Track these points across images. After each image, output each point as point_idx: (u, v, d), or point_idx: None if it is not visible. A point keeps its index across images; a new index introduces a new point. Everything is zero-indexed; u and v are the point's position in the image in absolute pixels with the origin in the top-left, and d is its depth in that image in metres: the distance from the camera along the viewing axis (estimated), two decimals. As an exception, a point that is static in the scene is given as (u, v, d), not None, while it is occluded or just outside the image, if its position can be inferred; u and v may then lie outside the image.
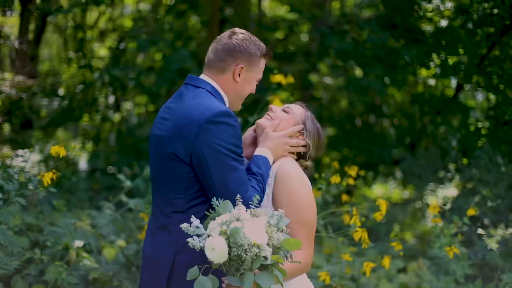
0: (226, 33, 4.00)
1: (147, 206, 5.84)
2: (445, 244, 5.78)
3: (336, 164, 6.86)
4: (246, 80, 3.96)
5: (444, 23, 9.75)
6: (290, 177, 3.92)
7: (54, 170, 4.43)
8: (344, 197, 6.85)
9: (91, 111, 11.78)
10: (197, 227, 3.41)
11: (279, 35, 12.33)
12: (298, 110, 4.18)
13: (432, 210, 5.56)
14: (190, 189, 3.77)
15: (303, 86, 11.86)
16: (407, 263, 7.65)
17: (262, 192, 3.81)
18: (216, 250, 3.27)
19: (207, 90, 3.88)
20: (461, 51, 9.45)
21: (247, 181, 3.73)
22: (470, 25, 9.19)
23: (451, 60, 9.64)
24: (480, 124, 10.53)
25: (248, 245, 3.26)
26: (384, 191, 14.42)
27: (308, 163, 4.19)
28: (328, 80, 12.95)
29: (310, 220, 3.91)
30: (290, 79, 6.78)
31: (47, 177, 4.38)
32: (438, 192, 11.24)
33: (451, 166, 10.25)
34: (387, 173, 12.80)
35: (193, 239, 3.36)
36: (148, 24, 11.31)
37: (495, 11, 8.88)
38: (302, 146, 4.12)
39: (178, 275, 3.74)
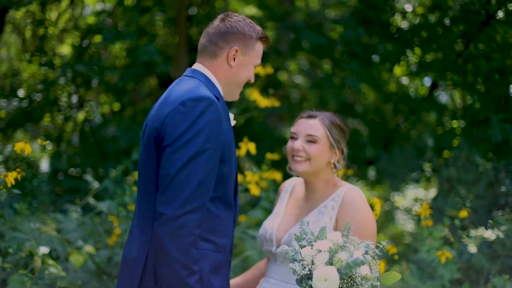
0: (219, 16, 3.78)
1: (121, 209, 5.54)
2: (433, 247, 5.53)
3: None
4: (241, 64, 3.70)
5: (417, 19, 9.70)
6: (359, 205, 3.85)
7: (18, 170, 4.08)
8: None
9: (53, 111, 11.49)
10: (297, 252, 3.29)
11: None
12: (319, 130, 3.99)
13: (422, 213, 5.29)
14: None
15: (272, 85, 11.69)
16: (390, 267, 7.44)
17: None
18: (330, 280, 3.14)
19: (199, 80, 3.61)
20: (436, 47, 9.38)
21: (194, 179, 3.35)
22: (447, 21, 9.12)
23: (427, 57, 9.58)
24: (455, 123, 10.46)
25: (360, 278, 3.18)
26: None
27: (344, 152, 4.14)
28: (298, 79, 12.84)
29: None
30: (269, 70, 6.54)
31: (11, 177, 4.03)
32: (412, 193, 11.16)
33: (427, 166, 10.14)
34: (360, 173, 12.67)
35: (294, 264, 3.24)
36: (113, 18, 11.12)
37: (471, 7, 8.83)
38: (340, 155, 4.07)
39: (149, 276, 3.49)
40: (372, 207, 4.59)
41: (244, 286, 4.37)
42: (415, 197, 10.75)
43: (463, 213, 5.67)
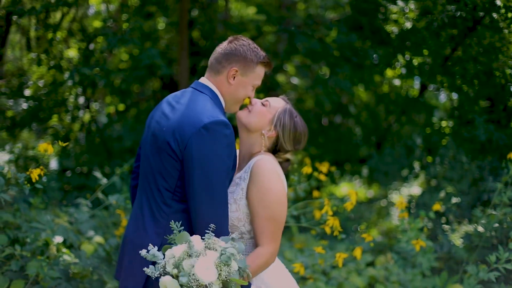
0: (229, 39, 4.19)
1: (128, 202, 5.95)
2: (412, 238, 5.99)
3: (307, 160, 7.03)
4: (240, 84, 4.11)
5: (409, 24, 9.93)
6: (264, 173, 4.02)
7: (42, 167, 4.48)
8: (315, 193, 7.03)
9: (60, 111, 11.75)
10: (155, 255, 3.55)
11: (246, 36, 12.34)
12: (276, 103, 4.28)
13: (399, 206, 5.76)
14: (180, 185, 3.91)
15: (270, 86, 11.98)
16: (376, 257, 7.85)
17: None
18: None
19: (209, 96, 4.03)
20: (425, 52, 9.65)
21: (218, 202, 3.84)
22: (434, 25, 9.35)
23: (416, 61, 9.85)
24: (443, 123, 10.75)
25: (197, 286, 3.43)
26: (350, 190, 14.56)
27: (288, 155, 4.32)
28: (295, 80, 13.09)
29: (277, 217, 4.02)
30: None
31: (35, 173, 4.42)
32: (403, 191, 11.45)
33: (416, 164, 10.44)
34: (354, 171, 13.00)
35: (149, 268, 3.54)
36: (117, 23, 11.29)
37: (458, 13, 9.06)
38: (275, 137, 4.23)
39: None
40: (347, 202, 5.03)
41: None
42: (409, 194, 10.98)
43: (437, 207, 6.13)
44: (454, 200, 8.41)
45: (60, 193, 9.58)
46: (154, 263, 3.80)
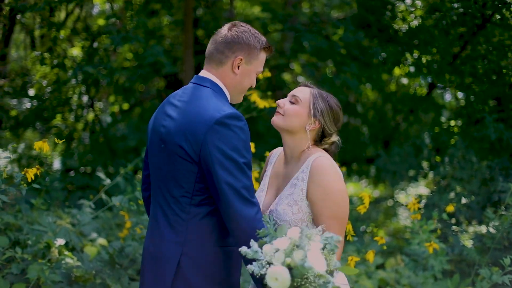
0: (227, 25, 3.97)
1: (132, 203, 5.84)
2: (424, 240, 5.86)
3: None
4: (245, 72, 3.90)
5: (416, 22, 9.86)
6: (325, 172, 3.90)
7: (38, 166, 4.38)
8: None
9: (64, 110, 11.71)
10: (256, 251, 3.35)
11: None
12: (304, 94, 4.08)
13: (412, 206, 5.63)
14: (198, 188, 3.72)
15: (276, 85, 11.90)
16: (386, 260, 7.74)
17: None
18: (280, 280, 3.25)
19: (211, 89, 3.83)
20: (434, 50, 9.57)
21: (247, 196, 3.63)
22: (443, 23, 9.28)
23: (424, 59, 9.77)
24: (452, 123, 10.67)
25: (313, 277, 3.26)
26: (356, 190, 14.56)
27: (333, 138, 4.15)
28: (301, 79, 13.02)
29: (343, 215, 3.92)
30: (267, 74, 6.76)
31: (31, 173, 4.32)
32: (411, 191, 11.37)
33: (425, 164, 10.35)
34: (361, 170, 12.91)
35: (252, 265, 3.33)
36: (121, 21, 11.25)
37: (466, 10, 9.00)
38: (318, 127, 4.06)
39: (183, 276, 3.72)
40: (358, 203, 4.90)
41: None
42: (417, 194, 10.92)
43: (450, 208, 6.00)
44: (464, 200, 8.31)
45: (63, 193, 9.50)
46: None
